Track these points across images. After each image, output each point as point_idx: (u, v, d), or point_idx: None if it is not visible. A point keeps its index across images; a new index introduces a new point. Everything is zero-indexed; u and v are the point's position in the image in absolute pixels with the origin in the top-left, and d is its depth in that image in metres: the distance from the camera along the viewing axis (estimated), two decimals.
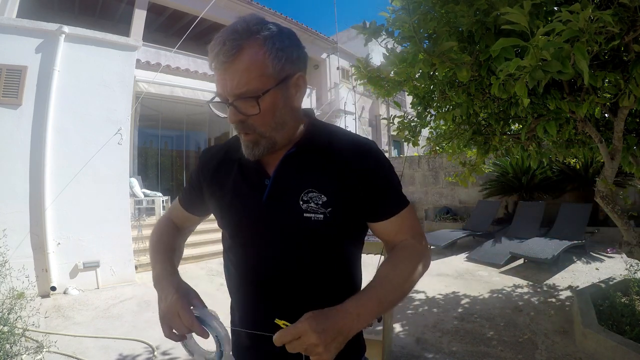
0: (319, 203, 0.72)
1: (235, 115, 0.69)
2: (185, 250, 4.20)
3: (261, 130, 0.71)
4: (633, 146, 2.25)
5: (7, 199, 4.07)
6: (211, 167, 0.86)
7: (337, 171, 0.74)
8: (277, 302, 0.76)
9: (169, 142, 10.54)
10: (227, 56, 0.64)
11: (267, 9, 9.72)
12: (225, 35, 0.65)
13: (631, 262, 3.34)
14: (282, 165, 0.76)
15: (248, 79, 0.65)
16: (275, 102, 0.69)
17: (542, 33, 1.03)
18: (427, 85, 2.34)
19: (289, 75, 0.70)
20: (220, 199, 0.82)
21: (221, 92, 0.68)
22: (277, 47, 0.67)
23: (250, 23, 0.67)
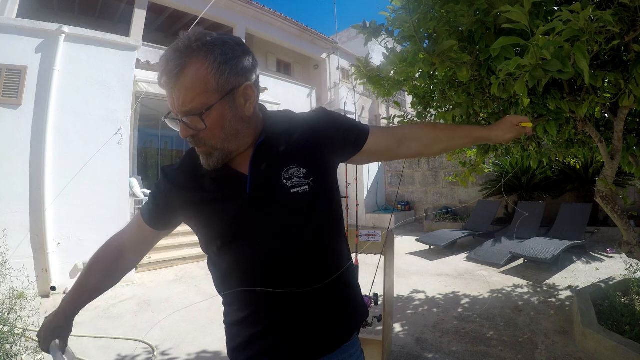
0: (301, 176, 0.76)
1: (185, 130, 0.71)
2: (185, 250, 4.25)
3: (212, 143, 0.73)
4: (633, 146, 2.25)
5: (7, 199, 4.07)
6: (177, 186, 0.83)
7: (304, 142, 0.80)
8: (284, 285, 0.76)
9: (169, 142, 10.54)
10: (169, 76, 0.66)
11: (267, 9, 9.72)
12: (168, 54, 0.67)
13: (631, 262, 3.34)
14: (255, 155, 0.78)
15: (192, 97, 0.67)
16: (222, 116, 0.71)
17: (542, 32, 1.02)
18: (427, 85, 2.34)
19: (234, 87, 0.71)
20: (202, 215, 0.79)
21: (170, 108, 0.71)
22: (219, 61, 0.68)
23: (192, 40, 0.68)
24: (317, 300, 0.78)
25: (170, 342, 2.96)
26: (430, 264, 5.40)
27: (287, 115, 0.87)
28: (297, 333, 0.77)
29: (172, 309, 3.76)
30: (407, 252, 6.11)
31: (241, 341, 0.80)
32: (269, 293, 0.75)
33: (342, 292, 0.84)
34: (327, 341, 0.80)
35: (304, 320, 0.78)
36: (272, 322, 0.77)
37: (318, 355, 0.79)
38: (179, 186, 0.82)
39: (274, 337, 0.77)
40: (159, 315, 3.60)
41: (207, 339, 3.00)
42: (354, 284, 0.91)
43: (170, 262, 5.65)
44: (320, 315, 0.79)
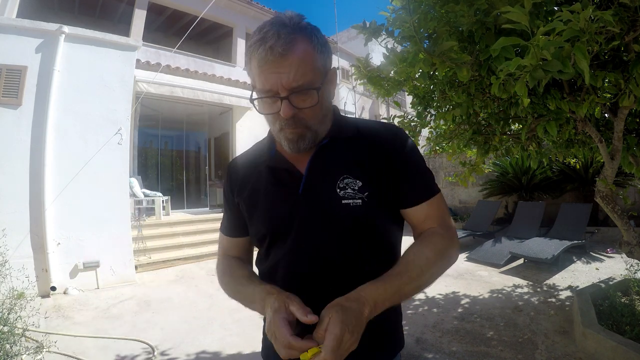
0: (355, 188, 0.73)
1: (290, 109, 0.67)
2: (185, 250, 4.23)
3: (310, 123, 0.71)
4: (633, 146, 2.25)
5: (7, 199, 4.07)
6: (239, 179, 0.85)
7: (369, 155, 0.75)
8: (322, 294, 0.71)
9: (169, 142, 10.54)
10: (284, 48, 0.63)
11: (267, 9, 9.72)
12: (276, 28, 0.64)
13: (631, 262, 3.34)
14: (316, 156, 0.76)
15: (304, 72, 0.65)
16: (323, 95, 0.71)
17: (542, 33, 1.02)
18: (427, 85, 2.34)
19: (328, 70, 0.72)
20: (256, 208, 0.80)
21: (271, 87, 0.66)
22: (321, 42, 0.69)
23: (295, 18, 0.68)
24: None
25: (170, 342, 2.96)
26: None
27: (359, 122, 0.83)
28: None
29: (172, 309, 3.76)
30: None
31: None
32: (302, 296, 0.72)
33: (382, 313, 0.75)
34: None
35: None
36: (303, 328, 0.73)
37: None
38: (238, 176, 0.85)
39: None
40: (159, 315, 3.60)
41: (207, 339, 3.00)
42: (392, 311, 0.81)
43: (170, 262, 5.65)
44: None
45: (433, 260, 0.72)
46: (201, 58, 8.58)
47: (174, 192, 9.14)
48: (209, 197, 9.44)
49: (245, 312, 3.87)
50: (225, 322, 3.37)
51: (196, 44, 10.10)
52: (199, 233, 6.62)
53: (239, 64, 9.20)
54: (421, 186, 0.78)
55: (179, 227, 6.57)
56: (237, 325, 3.29)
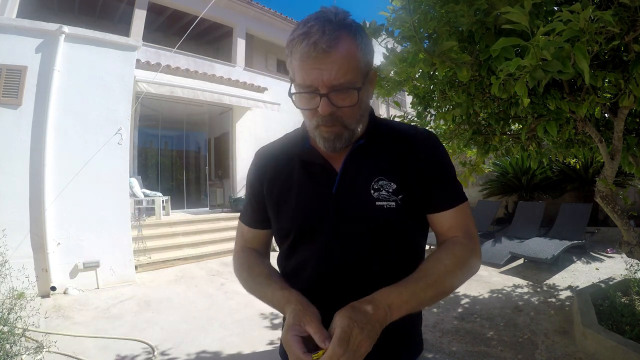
0: (390, 190, 0.72)
1: (328, 106, 0.66)
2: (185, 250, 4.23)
3: (347, 123, 0.70)
4: (633, 146, 2.25)
5: (7, 199, 4.07)
6: (270, 170, 0.83)
7: (403, 158, 0.75)
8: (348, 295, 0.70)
9: (169, 142, 10.54)
10: (328, 42, 0.62)
11: (267, 9, 9.71)
12: (321, 24, 0.64)
13: (631, 262, 3.34)
14: (351, 156, 0.75)
15: (346, 70, 0.65)
16: (363, 96, 0.70)
17: (542, 33, 1.02)
18: (427, 85, 2.34)
19: (369, 70, 0.71)
20: (286, 201, 0.79)
21: (312, 82, 0.65)
22: (364, 41, 0.68)
23: (341, 14, 0.67)
24: None
25: (170, 342, 2.96)
26: None
27: (394, 124, 0.83)
28: None
29: (172, 309, 3.76)
30: None
31: None
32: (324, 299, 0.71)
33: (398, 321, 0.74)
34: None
35: None
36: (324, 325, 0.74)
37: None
38: (268, 167, 0.82)
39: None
40: (159, 315, 3.60)
41: (207, 339, 3.00)
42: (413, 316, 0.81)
43: (170, 262, 5.65)
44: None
45: (452, 268, 0.70)
46: (201, 58, 8.57)
47: (174, 192, 9.14)
48: (209, 197, 9.44)
49: (245, 312, 3.86)
50: (225, 322, 3.37)
51: (196, 44, 10.09)
52: (199, 233, 6.62)
53: (239, 64, 9.20)
54: (451, 192, 0.77)
55: (179, 227, 6.57)
56: (237, 325, 3.29)
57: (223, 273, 5.23)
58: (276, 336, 3.03)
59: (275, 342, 2.94)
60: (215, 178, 9.81)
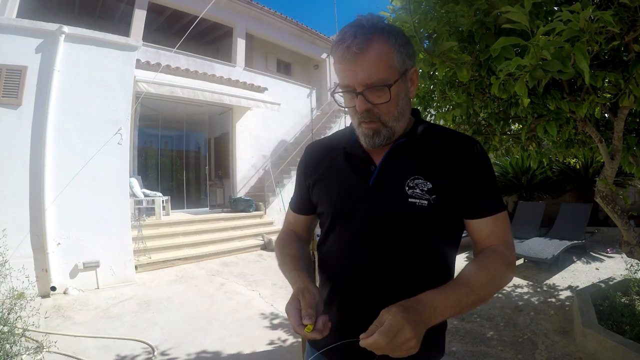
0: (424, 189, 0.75)
1: (364, 103, 0.72)
2: (185, 250, 4.22)
3: (385, 119, 0.75)
4: (633, 146, 2.25)
5: (7, 199, 4.07)
6: (315, 159, 0.91)
7: (444, 161, 0.77)
8: (374, 287, 0.77)
9: (169, 142, 10.54)
10: (359, 47, 0.69)
11: (267, 9, 9.71)
12: (354, 30, 0.70)
13: (631, 262, 3.34)
14: (390, 153, 0.80)
15: (378, 69, 0.70)
16: (399, 93, 0.75)
17: (542, 32, 1.02)
18: (427, 85, 2.34)
19: (407, 69, 0.76)
20: (326, 185, 0.86)
21: (349, 82, 0.72)
22: (399, 42, 0.73)
23: (374, 20, 0.73)
24: None
25: (170, 342, 2.96)
26: None
27: (438, 127, 0.86)
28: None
29: (172, 309, 3.76)
30: None
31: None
32: (350, 289, 0.79)
33: None
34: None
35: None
36: (347, 318, 0.79)
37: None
38: (314, 159, 0.91)
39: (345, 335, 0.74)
40: (159, 315, 3.60)
41: (207, 339, 3.00)
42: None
43: (170, 262, 5.65)
44: None
45: (493, 276, 0.72)
46: (201, 58, 8.58)
47: (174, 192, 9.14)
48: (209, 197, 9.45)
49: (245, 312, 3.86)
50: (225, 322, 3.37)
51: (196, 44, 10.10)
52: (199, 233, 6.62)
53: (239, 64, 9.20)
54: (492, 200, 0.78)
55: (179, 227, 6.57)
56: (237, 325, 3.29)
57: (223, 273, 5.23)
58: (276, 336, 3.03)
59: (275, 342, 2.94)
60: (215, 178, 9.81)
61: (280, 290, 4.29)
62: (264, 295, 4.16)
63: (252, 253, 6.62)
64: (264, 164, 9.32)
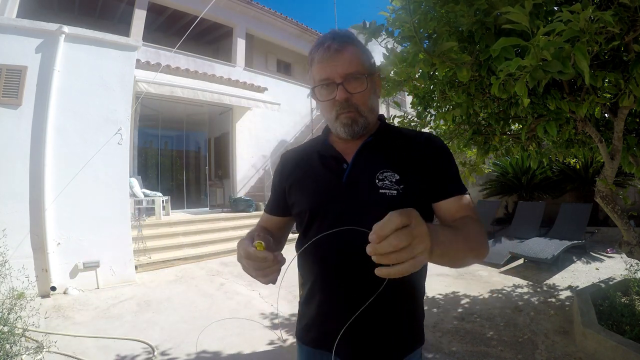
0: (393, 180, 0.82)
1: (344, 92, 0.82)
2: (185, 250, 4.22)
3: (361, 109, 0.84)
4: (633, 146, 2.25)
5: (7, 199, 4.07)
6: (291, 164, 0.98)
7: (408, 154, 0.86)
8: (353, 278, 0.81)
9: (169, 142, 10.54)
10: (339, 46, 0.81)
11: (267, 9, 9.71)
12: (332, 34, 0.84)
13: (631, 262, 3.34)
14: (360, 151, 0.88)
15: (356, 63, 0.82)
16: (371, 87, 0.86)
17: (542, 33, 1.02)
18: (427, 85, 2.34)
19: (375, 72, 0.89)
20: (302, 186, 0.92)
21: (329, 76, 0.82)
22: (366, 52, 0.87)
23: (347, 32, 0.87)
24: (378, 306, 0.77)
25: (170, 342, 2.96)
26: (431, 263, 5.39)
27: (400, 128, 0.97)
28: (354, 333, 0.81)
29: (172, 309, 3.76)
30: None
31: (306, 322, 0.91)
32: (332, 281, 0.84)
33: (405, 306, 0.86)
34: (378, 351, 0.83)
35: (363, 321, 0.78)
36: (330, 312, 0.85)
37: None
38: (290, 164, 0.97)
39: (330, 326, 0.82)
40: (159, 315, 3.60)
41: (207, 339, 3.00)
42: (418, 304, 0.90)
43: (170, 262, 5.65)
44: (377, 323, 0.82)
45: (477, 232, 0.75)
46: (201, 58, 8.58)
47: (174, 192, 9.14)
48: (209, 197, 9.44)
49: (245, 312, 3.85)
50: (225, 322, 3.37)
51: (196, 44, 10.10)
52: (199, 233, 6.62)
53: (238, 64, 9.20)
54: (455, 184, 0.86)
55: (179, 227, 6.57)
56: (237, 325, 3.29)
57: (223, 273, 5.24)
58: (276, 336, 3.03)
59: (275, 342, 2.94)
60: (215, 178, 9.81)
61: (280, 291, 4.29)
62: (264, 295, 4.16)
63: None
64: (264, 164, 9.32)
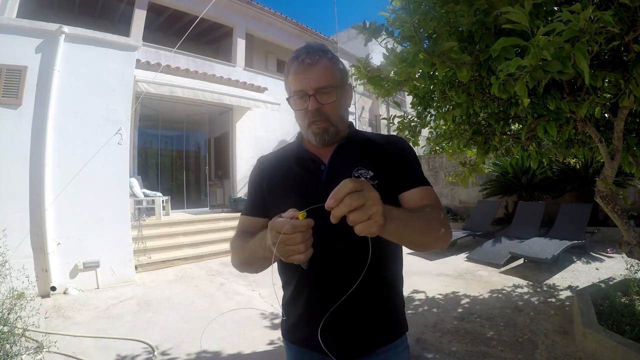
0: (368, 177, 0.89)
1: (315, 103, 0.88)
2: (185, 250, 4.23)
3: (332, 118, 0.91)
4: (633, 146, 2.25)
5: (7, 199, 4.07)
6: (270, 168, 1.01)
7: (377, 154, 0.94)
8: (337, 272, 0.86)
9: (169, 142, 10.54)
10: (312, 60, 0.88)
11: (267, 9, 9.71)
12: (307, 49, 0.91)
13: (631, 262, 3.34)
14: (336, 152, 0.95)
15: (327, 77, 0.89)
16: (341, 98, 0.93)
17: (542, 33, 1.02)
18: (427, 85, 2.34)
19: (345, 83, 0.96)
20: (283, 189, 0.95)
21: (302, 87, 0.88)
22: (338, 63, 0.94)
23: (321, 45, 0.94)
24: (359, 298, 0.85)
25: (170, 342, 2.96)
26: (430, 263, 5.40)
27: (368, 132, 1.05)
28: (338, 327, 0.86)
29: (172, 309, 3.76)
30: (407, 252, 6.10)
31: (293, 321, 0.95)
32: (317, 278, 0.87)
33: (385, 296, 0.93)
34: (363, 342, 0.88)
35: (346, 314, 0.86)
36: (315, 308, 0.87)
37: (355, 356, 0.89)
38: (269, 168, 1.01)
39: (317, 323, 0.84)
40: (159, 315, 3.60)
41: (207, 339, 3.00)
42: (398, 293, 0.98)
43: (170, 262, 5.65)
44: (359, 314, 0.88)
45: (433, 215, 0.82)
46: (201, 58, 8.57)
47: (174, 192, 9.14)
48: (208, 197, 9.44)
49: (245, 312, 3.84)
50: (225, 322, 3.37)
51: (196, 44, 10.10)
52: (199, 233, 6.62)
53: (238, 64, 9.20)
54: (419, 177, 0.93)
55: (179, 227, 6.57)
56: (237, 325, 3.29)
57: (223, 273, 5.24)
58: (276, 336, 3.03)
59: (275, 342, 2.94)
60: (215, 178, 9.80)
61: (280, 290, 4.28)
62: (264, 295, 4.16)
63: None
64: None
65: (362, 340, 0.88)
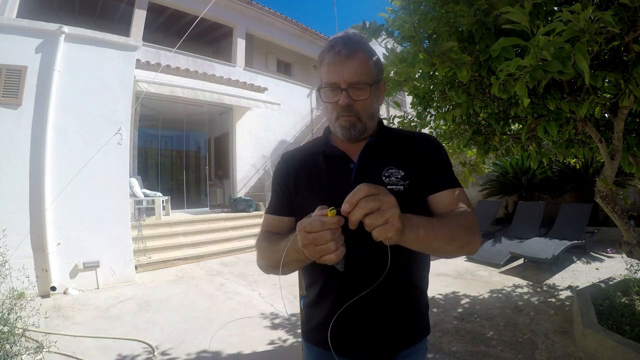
0: (398, 177, 0.87)
1: (346, 98, 0.85)
2: (185, 250, 4.23)
3: (361, 114, 0.88)
4: (633, 146, 2.25)
5: (7, 199, 4.07)
6: (296, 165, 0.97)
7: (409, 152, 0.91)
8: (364, 275, 0.82)
9: (169, 142, 10.53)
10: (349, 51, 0.83)
11: (267, 9, 9.71)
12: (344, 39, 0.86)
13: (631, 262, 3.34)
14: (365, 150, 0.92)
15: (362, 72, 0.85)
16: (374, 95, 0.89)
17: (542, 33, 1.02)
18: (427, 85, 2.34)
19: (379, 80, 0.92)
20: (310, 187, 0.92)
21: (335, 80, 0.84)
22: (375, 59, 0.90)
23: (359, 37, 0.90)
24: (385, 300, 0.85)
25: (170, 342, 2.96)
26: (430, 263, 5.39)
27: (399, 129, 1.02)
28: (362, 330, 0.86)
29: (172, 309, 3.76)
30: None
31: (316, 322, 0.92)
32: (343, 280, 0.84)
33: (411, 299, 0.92)
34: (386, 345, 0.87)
35: (370, 315, 0.85)
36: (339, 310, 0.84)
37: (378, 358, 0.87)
38: (295, 165, 0.97)
39: (342, 326, 0.83)
40: (159, 315, 3.60)
41: (207, 339, 3.00)
42: (423, 295, 0.97)
43: (170, 262, 5.65)
44: (384, 317, 0.87)
45: (458, 226, 0.77)
46: (201, 58, 8.58)
47: (174, 192, 9.13)
48: (209, 197, 9.44)
49: (245, 312, 3.84)
50: (225, 322, 3.37)
51: (196, 44, 10.10)
52: (199, 233, 6.62)
53: (238, 64, 9.20)
54: (451, 178, 0.90)
55: (179, 227, 6.57)
56: (237, 325, 3.29)
57: (223, 273, 5.24)
58: (276, 336, 3.04)
59: (275, 342, 2.94)
60: (215, 178, 9.81)
61: (283, 291, 4.29)
62: (264, 295, 4.16)
63: (252, 253, 6.61)
64: (264, 164, 9.32)
65: (386, 343, 0.87)
